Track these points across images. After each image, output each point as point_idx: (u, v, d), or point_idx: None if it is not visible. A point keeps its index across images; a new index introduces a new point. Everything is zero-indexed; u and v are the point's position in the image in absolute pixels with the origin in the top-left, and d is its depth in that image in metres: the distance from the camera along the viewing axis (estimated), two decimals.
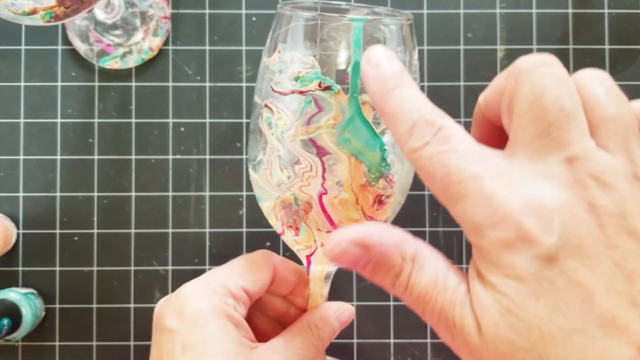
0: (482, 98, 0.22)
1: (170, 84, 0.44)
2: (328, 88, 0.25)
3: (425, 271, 0.20)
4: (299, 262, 0.32)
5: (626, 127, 0.19)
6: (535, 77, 0.19)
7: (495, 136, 0.22)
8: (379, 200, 0.27)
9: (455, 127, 0.20)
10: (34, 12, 0.32)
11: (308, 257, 0.30)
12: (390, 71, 0.21)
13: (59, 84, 0.44)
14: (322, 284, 0.31)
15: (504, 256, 0.18)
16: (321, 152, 0.26)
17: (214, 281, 0.29)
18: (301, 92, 0.25)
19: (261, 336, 0.31)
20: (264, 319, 0.33)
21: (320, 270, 0.30)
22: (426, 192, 0.44)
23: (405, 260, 0.20)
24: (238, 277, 0.30)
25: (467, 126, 0.32)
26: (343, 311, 0.31)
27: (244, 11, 0.45)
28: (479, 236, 0.19)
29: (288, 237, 0.29)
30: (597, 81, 0.20)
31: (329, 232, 0.27)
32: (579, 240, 0.18)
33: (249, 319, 0.31)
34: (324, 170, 0.26)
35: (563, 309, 0.17)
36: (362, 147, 0.26)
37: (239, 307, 0.30)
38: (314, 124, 0.25)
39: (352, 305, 0.43)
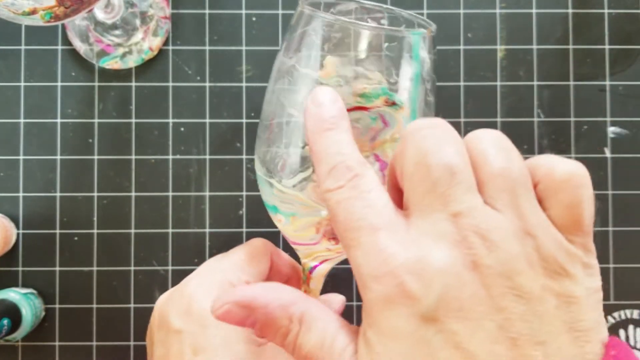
0: (388, 167, 0.23)
1: (170, 84, 0.44)
2: (393, 104, 0.25)
3: (313, 333, 0.20)
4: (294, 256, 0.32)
5: (514, 182, 0.18)
6: (420, 138, 0.19)
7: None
8: None
9: (371, 177, 0.20)
10: (33, 12, 0.32)
11: (324, 259, 0.30)
12: (330, 113, 0.21)
13: (59, 84, 0.44)
14: (323, 280, 0.31)
15: (383, 312, 0.18)
16: (384, 165, 0.26)
17: (218, 277, 0.29)
18: (365, 109, 0.25)
19: None
20: None
21: (326, 268, 0.30)
22: None
23: (292, 321, 0.20)
24: (240, 271, 0.30)
25: (466, 125, 0.32)
26: (338, 302, 0.33)
27: (244, 11, 0.45)
28: (365, 289, 0.18)
29: (322, 246, 0.29)
30: (487, 138, 0.19)
31: None
32: (460, 302, 0.17)
33: None
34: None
35: None
36: None
37: None
38: (379, 139, 0.25)
39: (352, 305, 0.43)
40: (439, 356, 0.17)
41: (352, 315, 0.43)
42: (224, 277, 0.30)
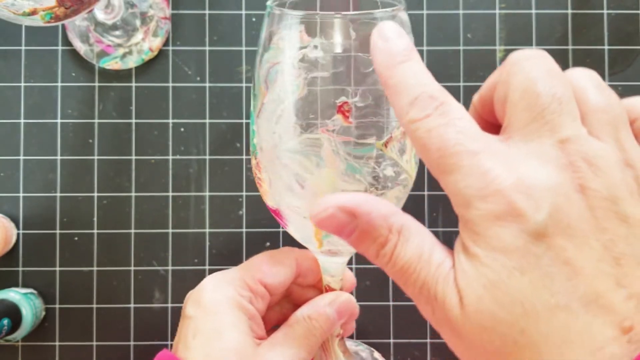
0: (476, 97, 0.23)
1: (170, 84, 0.44)
2: None
3: (410, 244, 0.20)
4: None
5: (615, 117, 0.20)
6: (528, 67, 0.20)
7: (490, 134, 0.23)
8: None
9: (456, 104, 0.20)
10: (34, 12, 0.32)
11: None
12: (399, 46, 0.21)
13: (59, 84, 0.44)
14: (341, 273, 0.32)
15: (492, 228, 0.18)
16: None
17: (233, 274, 0.31)
18: None
19: None
20: None
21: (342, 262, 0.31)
22: (426, 192, 0.44)
23: (392, 231, 0.20)
24: (257, 270, 0.31)
25: None
26: (335, 298, 0.32)
27: (243, 12, 0.45)
28: (468, 208, 0.19)
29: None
30: (587, 76, 0.21)
31: None
32: (568, 220, 0.18)
33: (285, 315, 0.32)
34: None
35: (548, 286, 0.17)
36: None
37: (255, 300, 0.31)
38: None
39: None
40: (548, 270, 0.17)
41: None
42: (239, 274, 0.31)
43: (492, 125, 0.22)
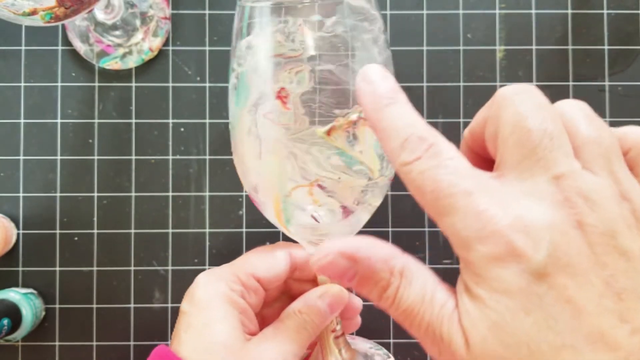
0: (467, 131, 0.23)
1: (170, 84, 0.44)
2: None
3: (413, 287, 0.20)
4: None
5: (608, 149, 0.19)
6: (518, 102, 0.19)
7: (482, 168, 0.23)
8: None
9: (446, 144, 0.20)
10: (34, 12, 0.32)
11: None
12: (384, 88, 0.21)
13: (59, 84, 0.44)
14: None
15: (493, 270, 0.18)
16: None
17: (226, 269, 0.32)
18: None
19: None
20: None
21: None
22: None
23: (393, 274, 0.20)
24: (249, 265, 0.32)
25: (466, 126, 0.32)
26: (326, 291, 0.31)
27: None
28: (468, 250, 0.19)
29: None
30: (576, 108, 0.20)
31: None
32: (568, 258, 0.18)
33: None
34: None
35: (552, 325, 0.17)
36: None
37: (248, 295, 0.32)
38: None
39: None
40: (552, 310, 0.18)
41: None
42: (231, 270, 0.32)
43: (484, 159, 0.22)
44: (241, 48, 0.26)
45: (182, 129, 0.44)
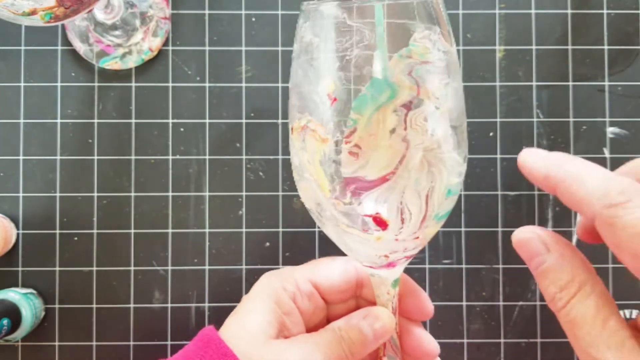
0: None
1: (170, 84, 0.44)
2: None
3: (588, 301, 0.21)
4: None
5: None
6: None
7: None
8: None
9: None
10: (33, 12, 0.32)
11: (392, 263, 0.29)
12: (559, 156, 0.23)
13: (59, 84, 0.44)
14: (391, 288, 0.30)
15: None
16: None
17: (287, 269, 0.33)
18: None
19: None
20: None
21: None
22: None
23: (574, 281, 0.21)
24: (310, 270, 0.32)
25: (468, 125, 0.32)
26: (372, 313, 0.30)
27: (243, 12, 0.45)
28: None
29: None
30: None
31: None
32: None
33: None
34: None
35: None
36: None
37: (300, 298, 0.32)
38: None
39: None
40: None
41: None
42: (291, 271, 0.32)
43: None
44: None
45: (182, 129, 0.44)
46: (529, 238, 0.22)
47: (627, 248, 0.19)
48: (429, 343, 0.32)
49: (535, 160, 0.23)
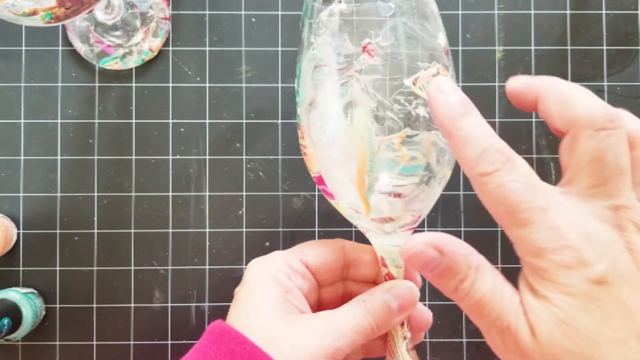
0: (522, 86, 0.26)
1: (170, 84, 0.44)
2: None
3: (486, 281, 0.23)
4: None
5: None
6: (601, 137, 0.22)
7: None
8: None
9: (521, 160, 0.23)
10: (34, 13, 0.32)
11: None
12: (458, 99, 0.24)
13: (59, 84, 0.44)
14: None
15: (562, 276, 0.21)
16: None
17: (276, 254, 0.33)
18: None
19: None
20: None
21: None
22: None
23: (471, 269, 0.23)
24: (298, 251, 0.33)
25: None
26: (395, 285, 0.30)
27: (243, 12, 0.45)
28: (540, 258, 0.22)
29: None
30: None
31: None
32: (621, 270, 0.21)
33: None
34: None
35: (609, 323, 0.21)
36: None
37: (295, 277, 0.32)
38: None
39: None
40: (610, 311, 0.21)
41: None
42: (281, 254, 0.32)
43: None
44: (322, 19, 0.28)
45: (182, 129, 0.44)
46: (422, 250, 0.23)
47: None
48: (423, 313, 0.33)
49: (441, 99, 0.25)
